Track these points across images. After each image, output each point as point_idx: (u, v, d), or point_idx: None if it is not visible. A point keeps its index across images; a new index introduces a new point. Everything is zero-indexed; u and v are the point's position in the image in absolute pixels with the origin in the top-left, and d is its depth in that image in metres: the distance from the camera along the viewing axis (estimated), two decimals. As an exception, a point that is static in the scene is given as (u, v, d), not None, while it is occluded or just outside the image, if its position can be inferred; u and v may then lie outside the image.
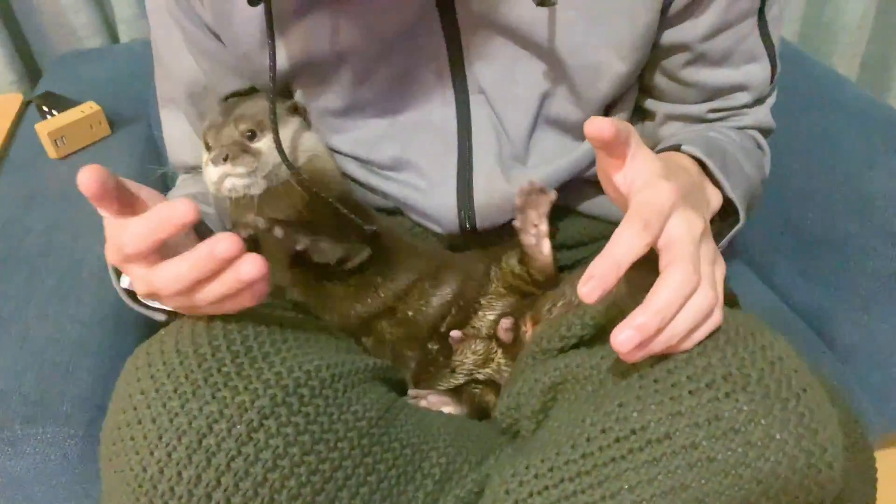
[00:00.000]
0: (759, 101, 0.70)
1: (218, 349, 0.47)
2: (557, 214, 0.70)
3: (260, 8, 0.56)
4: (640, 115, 0.73)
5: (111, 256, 0.47)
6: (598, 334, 0.55)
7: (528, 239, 0.64)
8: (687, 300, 0.44)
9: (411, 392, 0.64)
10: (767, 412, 0.44)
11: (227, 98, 0.69)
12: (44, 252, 0.85)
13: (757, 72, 0.67)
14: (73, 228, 0.89)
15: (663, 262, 0.45)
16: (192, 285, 0.45)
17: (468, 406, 0.64)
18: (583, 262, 0.72)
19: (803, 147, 0.93)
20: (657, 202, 0.45)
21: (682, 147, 0.60)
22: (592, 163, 0.68)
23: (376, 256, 0.64)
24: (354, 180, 0.71)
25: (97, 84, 1.20)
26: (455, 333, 0.65)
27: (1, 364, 0.71)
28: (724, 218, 0.61)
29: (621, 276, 0.43)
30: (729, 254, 0.97)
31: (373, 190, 0.70)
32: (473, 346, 0.66)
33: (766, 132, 0.73)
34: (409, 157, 0.68)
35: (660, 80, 0.69)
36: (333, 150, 0.70)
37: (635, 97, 0.71)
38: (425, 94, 0.66)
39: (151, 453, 0.44)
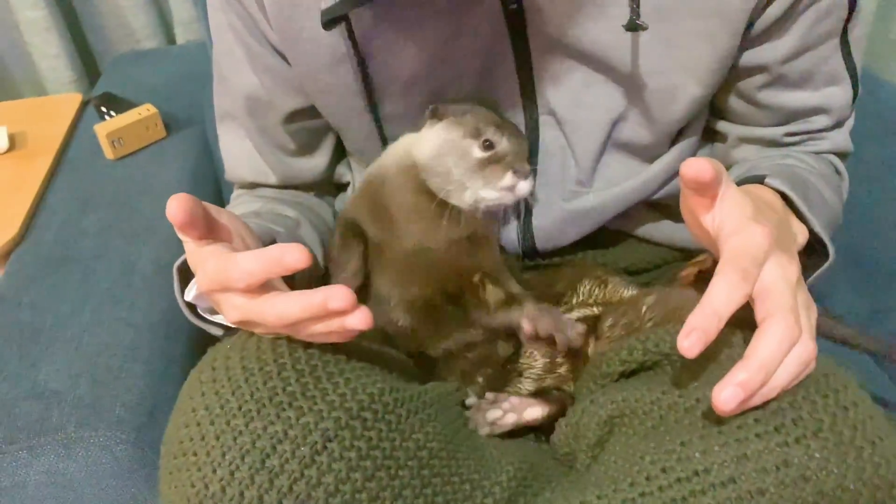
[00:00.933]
0: (838, 125, 0.68)
1: (283, 367, 0.47)
2: (618, 240, 0.69)
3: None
4: (709, 136, 0.72)
5: (208, 285, 0.47)
6: (660, 362, 0.54)
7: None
8: (788, 353, 0.43)
9: (489, 395, 0.62)
10: (841, 460, 0.42)
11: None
12: (98, 255, 0.87)
13: (838, 94, 0.65)
14: (126, 232, 0.90)
15: (761, 313, 0.44)
16: (295, 323, 0.45)
17: (555, 406, 0.62)
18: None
19: (870, 173, 0.90)
20: (751, 249, 0.45)
21: (766, 180, 0.58)
22: (660, 186, 0.67)
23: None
24: None
25: (153, 86, 1.22)
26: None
27: (57, 366, 0.72)
28: (806, 253, 0.59)
29: (722, 329, 0.42)
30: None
31: None
32: (543, 350, 0.64)
33: (843, 156, 0.71)
34: None
35: (734, 102, 0.67)
36: None
37: (706, 119, 0.69)
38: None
39: (214, 471, 0.44)
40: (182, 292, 0.55)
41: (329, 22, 0.55)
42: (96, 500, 0.68)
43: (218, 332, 0.57)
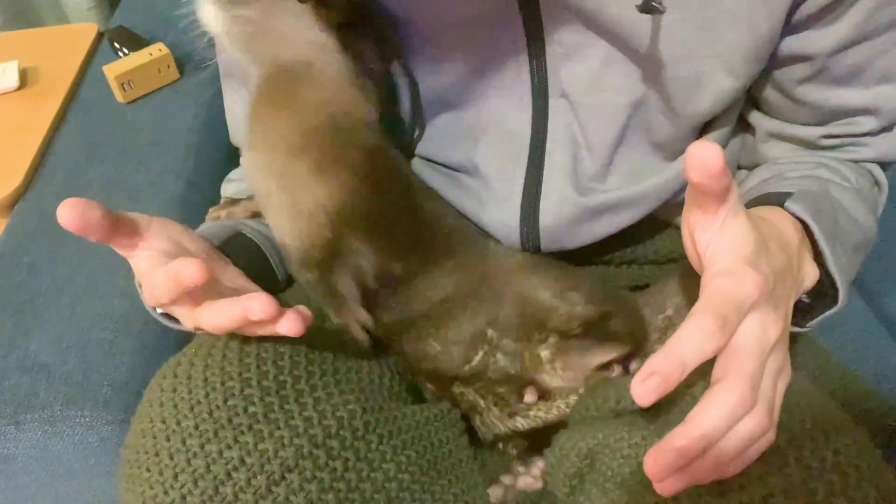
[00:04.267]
0: (886, 129, 0.58)
1: (247, 383, 0.44)
2: (646, 226, 0.63)
3: None
4: (741, 127, 0.63)
5: (150, 300, 0.47)
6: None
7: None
8: (737, 422, 0.38)
9: (506, 480, 0.58)
10: None
11: None
12: (101, 211, 0.84)
13: (890, 94, 0.55)
14: (130, 187, 0.87)
15: (719, 371, 0.39)
16: (234, 329, 0.45)
17: None
18: (667, 279, 0.63)
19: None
20: (738, 297, 0.39)
21: (787, 204, 0.51)
22: (683, 185, 0.59)
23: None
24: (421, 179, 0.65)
25: (171, 20, 1.16)
26: (529, 395, 0.57)
27: (49, 337, 0.71)
28: (814, 293, 0.52)
29: (683, 379, 0.37)
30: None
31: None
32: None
33: (887, 164, 0.62)
34: (475, 162, 0.61)
35: (769, 93, 0.59)
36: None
37: (738, 112, 0.61)
38: (499, 94, 0.58)
39: (166, 493, 0.43)
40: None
41: None
42: (83, 475, 0.68)
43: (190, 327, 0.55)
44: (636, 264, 0.67)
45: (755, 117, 0.62)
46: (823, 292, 0.51)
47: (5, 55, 1.08)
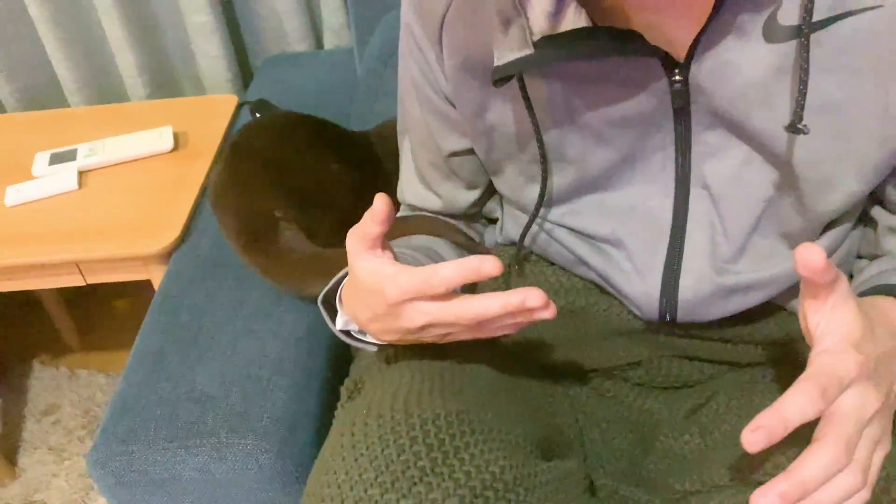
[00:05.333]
0: None
1: (415, 440, 0.51)
2: (764, 308, 0.69)
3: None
4: (864, 221, 0.69)
5: (399, 295, 0.52)
6: None
7: None
8: (832, 477, 0.45)
9: None
10: None
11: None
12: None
13: None
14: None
15: (820, 432, 0.46)
16: (487, 322, 0.51)
17: None
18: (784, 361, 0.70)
19: None
20: (839, 372, 0.45)
21: None
22: None
23: None
24: (566, 248, 0.72)
25: (303, 91, 1.29)
26: None
27: (212, 372, 0.80)
28: None
29: (787, 435, 0.44)
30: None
31: (579, 259, 0.71)
32: None
33: None
34: (619, 236, 0.68)
35: (891, 192, 0.64)
36: (547, 220, 0.72)
37: (861, 209, 0.67)
38: (646, 181, 0.65)
39: None
40: (333, 322, 0.62)
41: (500, 80, 0.57)
42: (240, 498, 0.76)
43: (373, 349, 0.64)
44: (749, 343, 0.72)
45: (877, 212, 0.67)
46: None
47: (159, 121, 1.22)
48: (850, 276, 0.71)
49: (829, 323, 0.48)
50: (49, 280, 1.04)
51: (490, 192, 0.79)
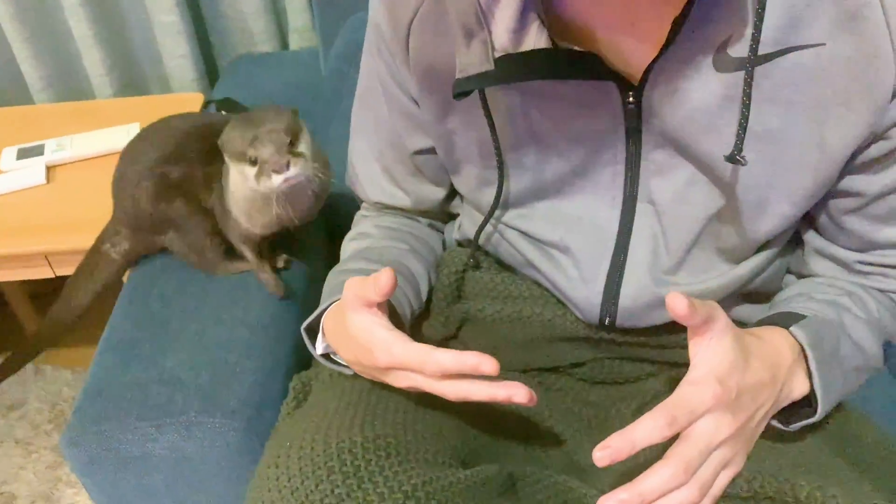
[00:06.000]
0: None
1: (332, 470, 0.56)
2: None
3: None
4: (794, 243, 0.74)
5: (388, 362, 0.59)
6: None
7: None
8: (668, 492, 0.53)
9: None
10: None
11: None
12: (218, 254, 0.97)
13: None
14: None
15: (669, 451, 0.54)
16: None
17: None
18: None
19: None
20: (693, 404, 0.54)
21: (792, 329, 0.62)
22: (743, 285, 0.71)
23: None
24: (516, 249, 0.76)
25: (268, 91, 1.33)
26: None
27: (182, 356, 0.83)
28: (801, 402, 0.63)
29: (632, 454, 0.52)
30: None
31: (528, 262, 0.76)
32: None
33: None
34: (567, 243, 0.72)
35: (820, 216, 0.69)
36: (501, 222, 0.76)
37: (793, 231, 0.71)
38: (596, 193, 0.69)
39: None
40: (314, 346, 0.69)
41: (460, 94, 0.61)
42: (209, 475, 0.79)
43: (350, 371, 0.69)
44: (685, 348, 0.78)
45: (806, 233, 0.72)
46: (810, 401, 0.63)
47: (126, 118, 1.25)
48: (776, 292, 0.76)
49: (703, 356, 0.56)
50: (19, 272, 1.07)
51: (456, 190, 0.84)
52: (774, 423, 0.63)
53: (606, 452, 0.51)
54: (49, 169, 1.15)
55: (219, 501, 0.83)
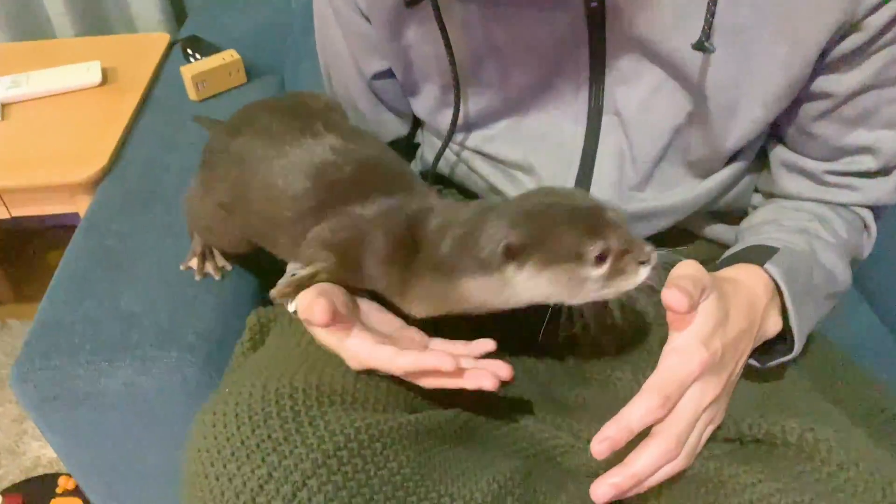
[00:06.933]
0: (883, 171, 0.66)
1: (269, 415, 0.54)
2: (678, 235, 0.72)
3: None
4: (762, 159, 0.72)
5: (359, 364, 0.58)
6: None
7: None
8: (661, 467, 0.52)
9: None
10: None
11: None
12: (180, 191, 0.93)
13: (890, 139, 0.63)
14: (206, 171, 0.96)
15: (657, 427, 0.52)
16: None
17: None
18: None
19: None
20: (682, 374, 0.51)
21: (767, 266, 0.60)
22: (713, 201, 0.69)
23: None
24: (479, 175, 0.74)
25: (237, 32, 1.28)
26: None
27: (138, 291, 0.80)
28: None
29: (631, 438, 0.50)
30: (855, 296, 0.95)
31: (492, 187, 0.73)
32: None
33: (882, 209, 0.70)
34: (531, 162, 0.69)
35: (788, 125, 0.67)
36: (463, 146, 0.73)
37: (761, 144, 0.69)
38: (559, 107, 0.67)
39: None
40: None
41: (412, 1, 0.58)
42: (165, 412, 0.76)
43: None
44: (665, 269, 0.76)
45: (775, 148, 0.71)
46: (784, 337, 0.61)
47: (89, 56, 1.19)
48: (747, 211, 0.75)
49: (686, 317, 0.53)
50: (-29, 212, 1.02)
51: (418, 122, 0.80)
52: (751, 361, 0.60)
53: (605, 444, 0.50)
54: (4, 107, 1.10)
55: (177, 439, 0.80)
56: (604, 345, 0.69)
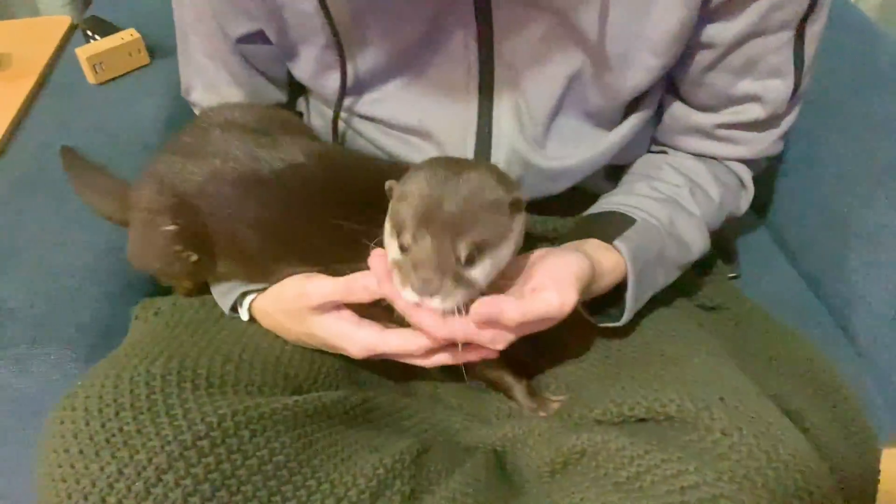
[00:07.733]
0: (770, 121, 0.67)
1: (122, 407, 0.50)
2: (580, 199, 0.70)
3: None
4: (659, 118, 0.72)
5: (364, 353, 0.59)
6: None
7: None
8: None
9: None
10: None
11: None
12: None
13: (777, 87, 0.64)
14: (102, 158, 0.90)
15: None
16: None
17: None
18: None
19: (855, 130, 0.86)
20: (541, 311, 0.52)
21: (616, 243, 0.61)
22: (615, 156, 0.68)
23: None
24: (375, 145, 0.70)
25: (143, 12, 1.21)
26: None
27: (17, 285, 0.74)
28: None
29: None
30: (760, 235, 0.94)
31: (389, 155, 0.70)
32: None
33: (764, 161, 0.71)
34: (427, 126, 0.66)
35: (680, 78, 0.67)
36: (353, 113, 0.69)
37: (659, 97, 0.69)
38: (450, 64, 0.64)
39: None
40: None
41: None
42: (48, 413, 0.71)
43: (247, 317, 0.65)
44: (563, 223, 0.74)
45: (668, 103, 0.70)
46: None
47: (-18, 42, 1.12)
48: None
49: (541, 270, 0.55)
50: None
51: (299, 88, 0.76)
52: (583, 312, 0.62)
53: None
54: None
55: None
56: None
